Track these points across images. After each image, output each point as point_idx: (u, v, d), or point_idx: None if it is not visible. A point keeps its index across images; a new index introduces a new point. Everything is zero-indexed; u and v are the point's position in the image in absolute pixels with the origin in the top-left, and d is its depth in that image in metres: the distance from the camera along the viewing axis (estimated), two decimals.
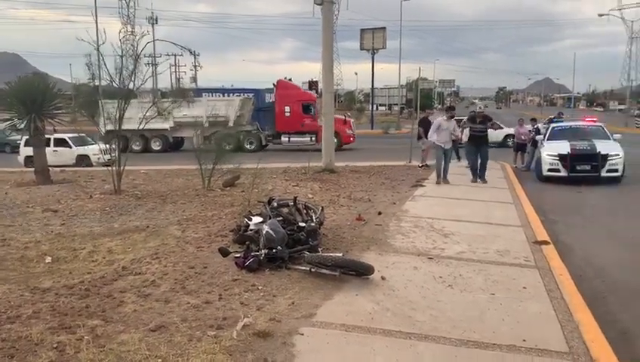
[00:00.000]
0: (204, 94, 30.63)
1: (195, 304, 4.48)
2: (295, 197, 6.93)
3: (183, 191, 11.15)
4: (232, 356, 3.53)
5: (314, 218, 6.30)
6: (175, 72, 62.81)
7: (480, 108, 13.94)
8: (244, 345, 3.71)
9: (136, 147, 26.01)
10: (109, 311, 4.31)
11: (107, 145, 11.20)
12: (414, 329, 4.05)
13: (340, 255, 5.55)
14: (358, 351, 3.67)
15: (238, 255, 5.64)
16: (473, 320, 4.25)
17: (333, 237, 6.79)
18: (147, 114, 10.82)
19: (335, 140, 25.18)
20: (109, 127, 13.72)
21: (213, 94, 32.49)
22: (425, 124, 16.21)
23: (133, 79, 10.77)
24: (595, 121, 16.77)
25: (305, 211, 6.62)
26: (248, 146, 25.47)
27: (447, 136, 12.55)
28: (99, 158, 18.70)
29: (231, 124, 25.25)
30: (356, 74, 79.79)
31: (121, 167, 10.85)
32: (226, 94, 31.28)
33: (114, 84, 10.78)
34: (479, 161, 12.88)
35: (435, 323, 4.17)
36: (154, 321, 4.09)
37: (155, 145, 26.84)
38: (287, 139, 25.83)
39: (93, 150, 19.89)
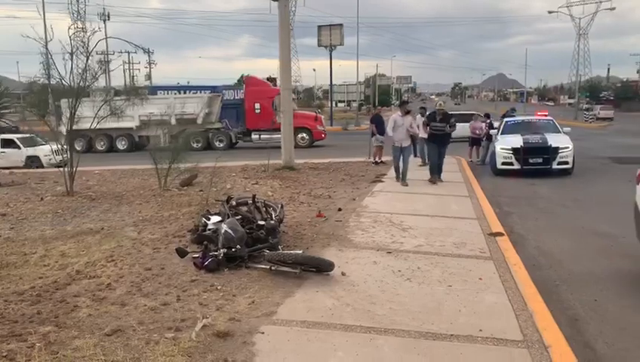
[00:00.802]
0: (159, 92, 30.02)
1: (152, 306, 4.39)
2: (254, 195, 6.88)
3: (138, 191, 10.92)
4: (191, 357, 3.47)
5: (273, 216, 6.26)
6: (129, 69, 61.39)
7: (440, 104, 12.71)
8: (204, 346, 3.65)
9: (100, 147, 25.20)
10: (62, 317, 4.17)
11: (59, 146, 10.80)
12: (374, 323, 4.09)
13: (300, 252, 5.54)
14: (318, 348, 3.68)
15: (196, 255, 5.56)
16: (431, 312, 4.32)
17: (294, 235, 6.78)
18: (100, 113, 10.48)
19: (307, 137, 25.29)
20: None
21: (170, 92, 31.88)
22: (377, 121, 16.35)
23: (84, 77, 10.44)
24: (546, 115, 17.34)
25: (264, 209, 6.58)
26: (218, 144, 25.06)
27: (404, 134, 11.59)
28: (50, 159, 18.07)
29: (199, 121, 24.88)
30: (314, 70, 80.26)
31: (74, 168, 10.51)
32: (182, 92, 30.76)
33: (64, 83, 10.42)
34: (438, 160, 12.33)
35: (394, 316, 4.22)
36: (110, 325, 3.98)
37: (121, 145, 26.09)
38: (257, 136, 25.30)
39: (44, 151, 19.19)
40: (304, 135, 25.28)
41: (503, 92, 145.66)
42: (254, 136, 25.45)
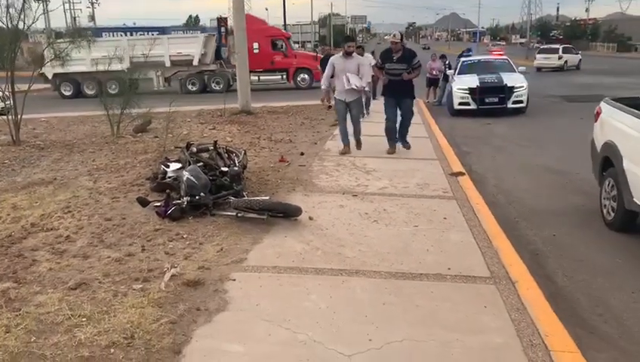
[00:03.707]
0: (103, 34, 28.49)
1: (116, 257, 4.25)
2: (215, 141, 6.68)
3: (90, 139, 10.47)
4: (161, 308, 3.40)
5: (236, 162, 6.11)
6: (70, 9, 57.71)
7: (394, 35, 8.41)
8: (174, 295, 3.58)
9: (89, 91, 23.40)
10: (21, 272, 3.99)
11: (1, 92, 10.12)
12: (344, 265, 4.10)
13: (267, 198, 5.47)
14: (291, 292, 3.67)
15: (158, 204, 5.39)
16: (399, 252, 4.37)
17: (257, 181, 6.67)
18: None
19: (307, 78, 24.43)
20: (58, 69, 12.29)
21: (115, 34, 30.28)
22: (326, 64, 15.73)
23: (22, 18, 9.70)
24: (501, 55, 17.46)
25: (226, 155, 6.41)
26: (215, 86, 23.89)
27: (345, 82, 8.03)
28: None
29: (196, 63, 23.69)
30: (267, 9, 77.20)
31: (19, 115, 9.93)
32: (128, 33, 29.27)
33: (0, 23, 9.66)
34: (399, 119, 8.62)
35: (364, 258, 4.25)
36: (73, 279, 3.84)
37: (112, 89, 24.55)
38: (256, 78, 23.69)
39: None
40: (305, 75, 24.34)
41: (456, 32, 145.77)
42: (253, 78, 23.15)
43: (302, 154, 8.47)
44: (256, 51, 23.69)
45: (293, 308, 3.44)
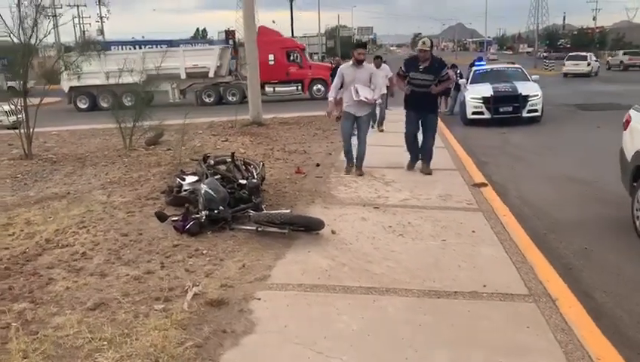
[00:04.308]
0: (112, 47, 28.55)
1: (135, 275, 4.09)
2: (233, 153, 6.53)
3: (102, 152, 10.35)
4: (185, 330, 3.23)
5: (255, 174, 5.96)
6: (79, 23, 58.24)
7: (424, 42, 7.53)
8: (198, 316, 3.41)
9: (105, 104, 23.46)
10: (38, 292, 3.84)
11: (14, 106, 10.07)
12: (374, 283, 3.92)
13: (288, 211, 5.29)
14: (320, 312, 3.49)
15: (175, 218, 5.24)
16: (430, 268, 4.18)
17: (275, 193, 6.51)
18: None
19: (322, 88, 24.22)
20: (74, 83, 12.21)
21: (124, 47, 30.36)
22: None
23: (35, 32, 9.63)
24: (513, 64, 17.30)
25: (244, 167, 6.25)
26: (231, 98, 23.90)
27: (354, 94, 7.20)
28: (1, 121, 17.05)
29: (212, 75, 23.74)
30: (274, 22, 77.47)
31: (31, 129, 9.85)
32: (137, 47, 29.33)
33: (12, 38, 9.59)
34: (420, 138, 7.81)
35: (394, 274, 4.06)
36: (91, 299, 3.68)
37: (127, 101, 24.51)
38: (271, 89, 23.98)
39: None
40: (320, 86, 24.17)
41: (463, 42, 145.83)
42: (268, 89, 23.73)
43: (318, 165, 8.32)
44: (271, 63, 23.81)
45: (324, 329, 3.26)
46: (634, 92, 22.04)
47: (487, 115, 13.89)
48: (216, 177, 5.68)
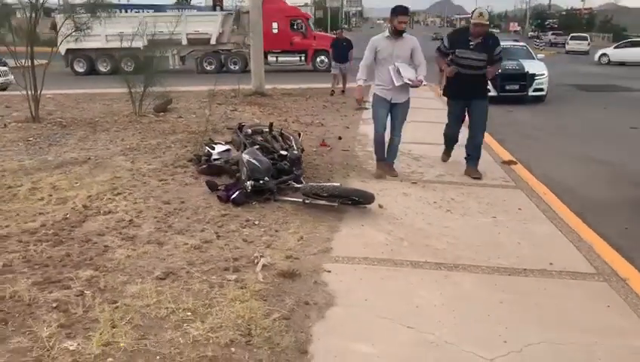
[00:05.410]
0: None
1: (193, 244, 3.99)
2: (271, 123, 6.39)
3: (112, 117, 10.06)
4: (266, 301, 3.16)
5: (294, 145, 5.84)
6: None
7: (481, 14, 6.04)
8: (274, 288, 3.34)
9: (104, 68, 22.83)
10: (98, 259, 3.71)
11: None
12: (439, 258, 3.89)
13: (338, 184, 5.22)
14: (396, 286, 3.46)
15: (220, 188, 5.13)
16: (490, 246, 4.17)
17: (306, 165, 6.36)
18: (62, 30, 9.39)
19: (326, 60, 23.45)
20: (71, 45, 11.79)
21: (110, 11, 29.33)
22: (336, 47, 14.97)
23: None
24: (517, 42, 17.24)
25: (281, 138, 6.13)
26: (232, 67, 23.24)
27: (395, 76, 5.75)
28: None
29: (213, 42, 23.05)
30: None
31: (39, 91, 9.51)
32: (124, 10, 28.43)
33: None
34: (469, 130, 6.42)
35: (456, 251, 4.04)
36: (157, 268, 3.58)
37: (127, 66, 23.69)
38: (274, 58, 23.37)
39: None
40: (323, 58, 23.62)
41: (450, 18, 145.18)
42: (271, 59, 23.11)
43: (340, 138, 8.21)
44: (275, 31, 23.19)
45: (405, 304, 3.23)
46: (633, 74, 22.34)
47: (493, 93, 13.75)
48: (255, 147, 5.55)
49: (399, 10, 5.79)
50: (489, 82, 7.61)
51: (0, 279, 3.36)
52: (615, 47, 34.15)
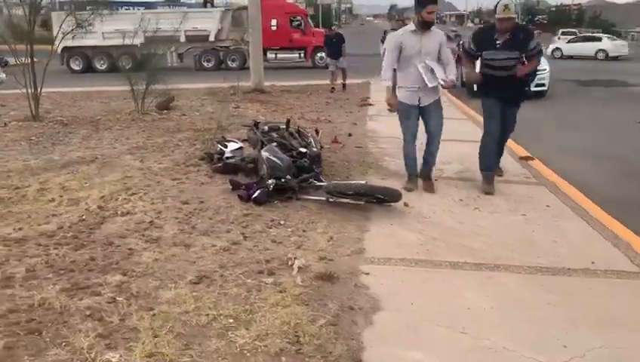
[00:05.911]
0: (88, 8, 27.26)
1: (222, 246, 3.84)
2: (288, 120, 6.23)
3: (114, 115, 9.85)
4: (309, 306, 3.02)
5: (313, 142, 5.68)
6: None
7: (506, 6, 5.13)
8: (314, 291, 3.20)
9: (100, 66, 22.44)
10: (124, 263, 3.55)
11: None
12: (478, 259, 3.77)
13: (364, 182, 5.08)
14: (440, 289, 3.33)
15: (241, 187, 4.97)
16: (526, 244, 4.05)
17: (322, 163, 6.26)
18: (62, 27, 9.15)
19: (325, 57, 23.40)
20: (67, 43, 11.64)
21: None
22: (328, 44, 14.99)
23: None
24: None
25: (299, 136, 5.97)
26: (231, 64, 22.89)
27: (424, 74, 5.08)
28: None
29: (212, 38, 22.75)
30: None
31: (39, 89, 9.27)
32: (117, 8, 28.05)
33: None
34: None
35: (493, 250, 3.92)
36: (188, 271, 3.42)
37: (125, 63, 23.20)
38: (273, 55, 23.10)
39: None
40: (322, 55, 22.81)
41: (440, 15, 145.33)
42: (270, 56, 22.79)
43: (350, 135, 8.08)
44: (274, 28, 22.95)
45: (452, 307, 3.10)
46: (628, 69, 22.40)
47: None
48: (273, 145, 5.39)
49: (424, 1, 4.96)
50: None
51: (25, 286, 3.19)
52: (568, 42, 34.71)
